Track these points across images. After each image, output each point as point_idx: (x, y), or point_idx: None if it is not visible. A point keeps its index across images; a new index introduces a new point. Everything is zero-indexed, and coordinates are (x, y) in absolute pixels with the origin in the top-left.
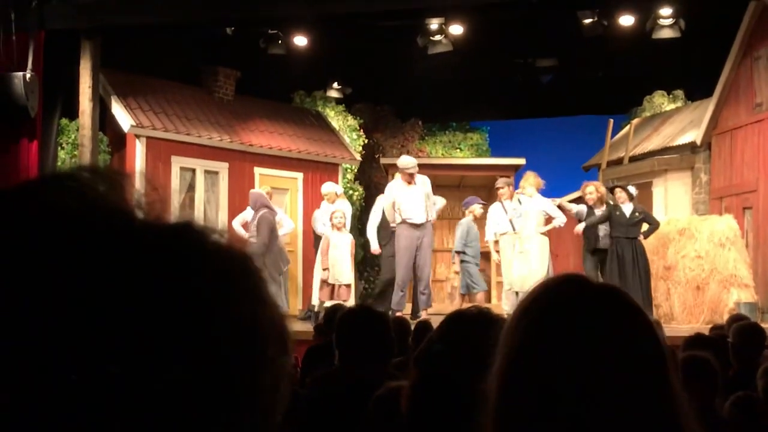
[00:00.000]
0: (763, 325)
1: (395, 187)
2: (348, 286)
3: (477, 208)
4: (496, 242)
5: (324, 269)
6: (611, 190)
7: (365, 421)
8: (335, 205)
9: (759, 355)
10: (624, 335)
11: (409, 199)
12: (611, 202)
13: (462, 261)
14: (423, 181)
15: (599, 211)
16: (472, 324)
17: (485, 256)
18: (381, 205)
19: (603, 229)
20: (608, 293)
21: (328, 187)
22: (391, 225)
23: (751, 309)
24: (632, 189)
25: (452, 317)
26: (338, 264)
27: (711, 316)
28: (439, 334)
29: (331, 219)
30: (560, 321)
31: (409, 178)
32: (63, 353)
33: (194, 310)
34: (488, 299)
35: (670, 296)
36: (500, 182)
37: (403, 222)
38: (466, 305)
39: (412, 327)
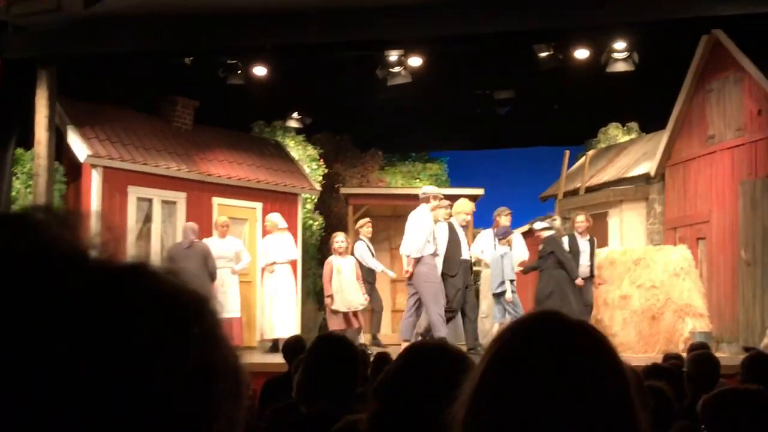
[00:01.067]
0: (718, 354)
1: (431, 219)
2: (359, 313)
3: (512, 238)
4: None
5: (327, 296)
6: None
7: None
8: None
9: (714, 385)
10: (592, 372)
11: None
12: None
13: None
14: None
15: (584, 241)
16: (430, 356)
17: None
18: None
19: (585, 260)
20: (580, 330)
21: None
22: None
23: (706, 338)
24: (539, 224)
25: (411, 349)
26: (346, 289)
27: (666, 346)
28: (398, 365)
29: (332, 244)
30: (530, 356)
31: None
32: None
33: (136, 352)
34: None
35: (626, 325)
36: (500, 211)
37: (435, 254)
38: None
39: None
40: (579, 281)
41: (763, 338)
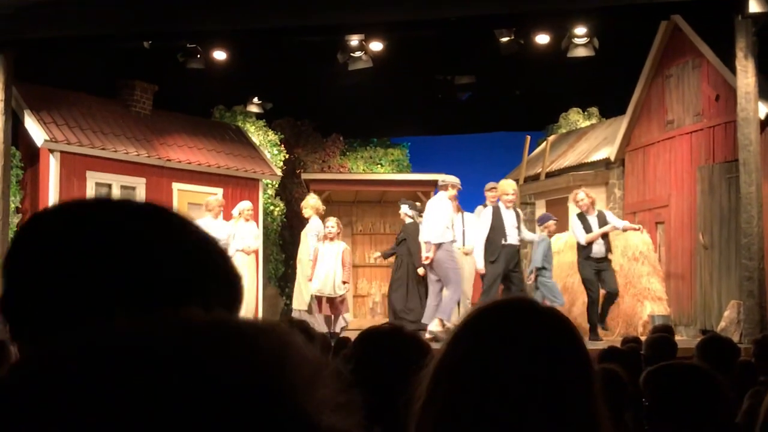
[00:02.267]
0: (676, 338)
1: (450, 206)
2: (341, 298)
3: (552, 225)
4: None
5: (309, 281)
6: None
7: None
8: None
9: None
10: (553, 358)
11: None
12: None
13: (539, 276)
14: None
15: (593, 218)
16: (384, 341)
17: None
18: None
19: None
20: (546, 316)
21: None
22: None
23: (665, 321)
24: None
25: (365, 334)
26: (323, 276)
27: (626, 329)
28: (352, 351)
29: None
30: (493, 339)
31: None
32: None
33: None
34: None
35: (585, 309)
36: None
37: (453, 240)
38: None
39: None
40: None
41: (719, 321)
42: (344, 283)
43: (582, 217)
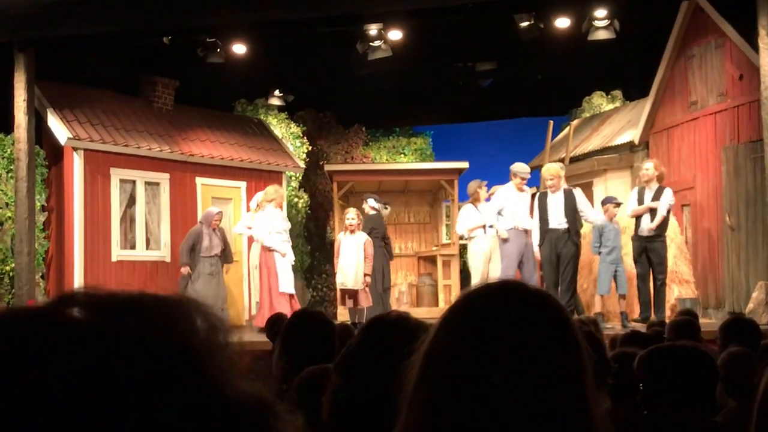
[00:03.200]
0: (703, 320)
1: (508, 193)
2: (364, 291)
3: (611, 208)
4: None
5: (334, 273)
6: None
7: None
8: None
9: None
10: (546, 340)
11: (521, 205)
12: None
13: (600, 261)
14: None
15: (650, 192)
16: (391, 329)
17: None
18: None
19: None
20: (535, 299)
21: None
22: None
23: (692, 304)
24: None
25: (372, 322)
26: (344, 268)
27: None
28: (358, 339)
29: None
30: (478, 323)
31: (522, 185)
32: None
33: None
34: (435, 302)
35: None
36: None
37: (514, 228)
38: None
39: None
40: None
41: (748, 303)
42: (366, 275)
43: (640, 190)
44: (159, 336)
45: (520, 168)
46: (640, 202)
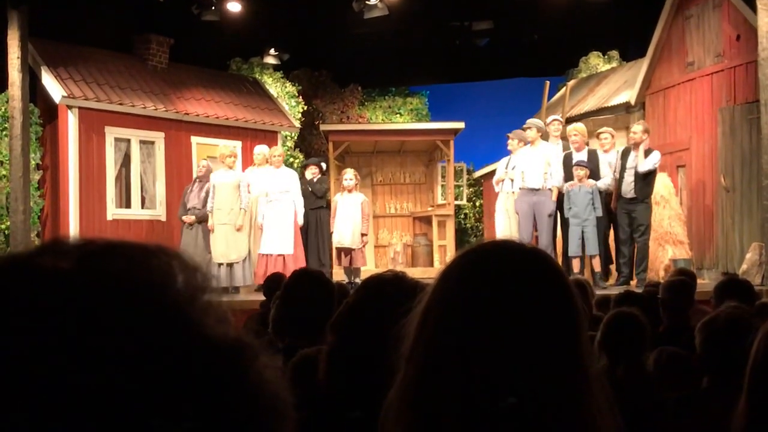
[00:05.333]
0: (698, 281)
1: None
2: (360, 251)
3: (577, 170)
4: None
5: (331, 233)
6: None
7: None
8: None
9: (687, 310)
10: (539, 297)
11: (533, 162)
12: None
13: None
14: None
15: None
16: (386, 288)
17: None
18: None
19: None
20: (530, 256)
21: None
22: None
23: (686, 265)
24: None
25: (368, 281)
26: (340, 227)
27: (648, 274)
28: (354, 299)
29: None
30: (477, 278)
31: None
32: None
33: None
34: (430, 262)
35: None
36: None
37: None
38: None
39: None
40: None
41: (741, 264)
42: (363, 235)
43: (625, 151)
44: (137, 280)
45: (534, 121)
46: (623, 165)
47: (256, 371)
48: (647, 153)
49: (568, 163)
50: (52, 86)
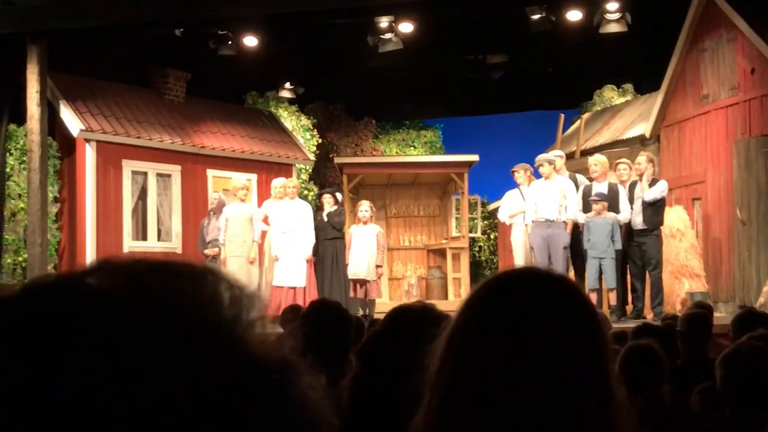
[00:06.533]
0: (715, 314)
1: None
2: (376, 282)
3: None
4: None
5: (346, 264)
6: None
7: None
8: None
9: (706, 343)
10: (566, 325)
11: (547, 194)
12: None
13: None
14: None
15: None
16: (413, 318)
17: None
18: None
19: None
20: (558, 285)
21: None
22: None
23: (703, 298)
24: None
25: (396, 311)
26: (355, 259)
27: (663, 307)
28: (381, 328)
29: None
30: (505, 307)
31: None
32: None
33: None
34: (444, 295)
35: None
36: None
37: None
38: None
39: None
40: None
41: (758, 297)
42: (378, 266)
43: (632, 184)
44: (184, 299)
45: (544, 157)
46: (631, 197)
47: (299, 391)
48: (653, 182)
49: (587, 195)
50: (71, 120)
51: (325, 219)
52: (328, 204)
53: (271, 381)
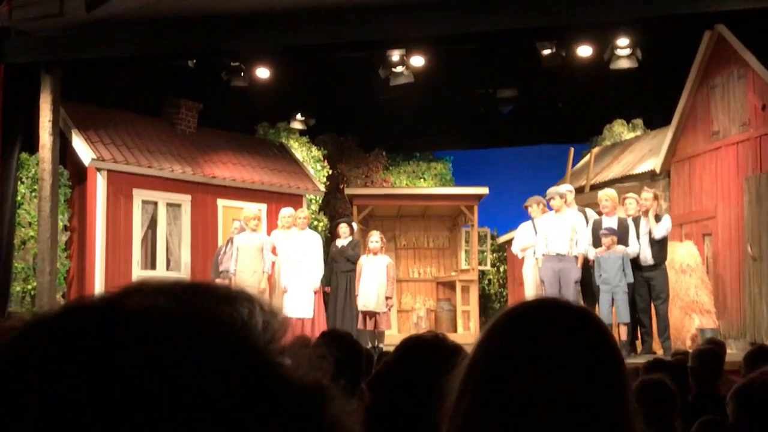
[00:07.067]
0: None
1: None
2: (386, 314)
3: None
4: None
5: (356, 295)
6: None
7: None
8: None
9: (717, 379)
10: (587, 356)
11: (558, 228)
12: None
13: None
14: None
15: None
16: (425, 349)
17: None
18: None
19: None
20: (578, 316)
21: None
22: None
23: (713, 334)
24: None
25: (408, 341)
26: (365, 290)
27: (673, 343)
28: (393, 358)
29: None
30: (526, 338)
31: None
32: None
33: None
34: (453, 328)
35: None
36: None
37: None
38: None
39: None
40: None
41: None
42: (388, 298)
43: (635, 220)
44: (221, 322)
45: (554, 190)
46: (636, 233)
47: (331, 415)
48: (658, 218)
49: (597, 229)
50: (82, 149)
51: (340, 249)
52: (344, 234)
53: (305, 405)
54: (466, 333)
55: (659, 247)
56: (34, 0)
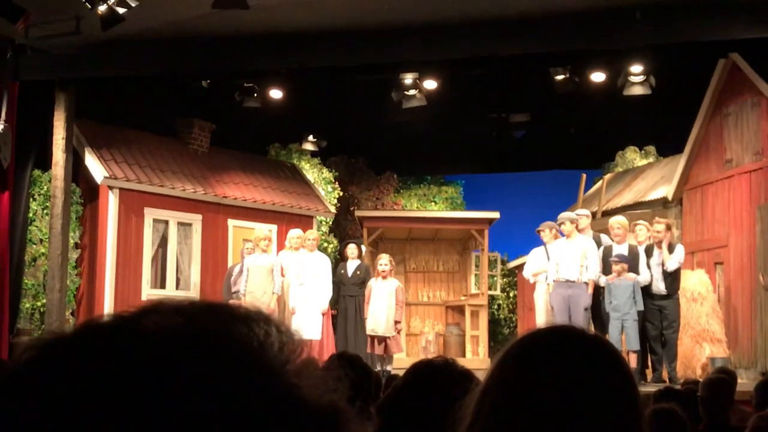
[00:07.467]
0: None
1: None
2: (395, 338)
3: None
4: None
5: (364, 319)
6: None
7: None
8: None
9: (728, 409)
10: (601, 384)
11: (569, 254)
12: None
13: None
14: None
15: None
16: (435, 374)
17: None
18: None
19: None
20: (592, 344)
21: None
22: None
23: (724, 364)
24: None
25: (418, 366)
26: (374, 314)
27: (684, 371)
28: (402, 383)
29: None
30: (540, 365)
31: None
32: None
33: None
34: (462, 352)
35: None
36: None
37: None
38: None
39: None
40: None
41: None
42: (397, 322)
43: (648, 248)
44: (237, 342)
45: (566, 215)
46: (648, 263)
47: None
48: (671, 248)
49: (608, 256)
50: (95, 167)
51: (349, 275)
52: (352, 255)
53: (322, 426)
54: (475, 358)
55: (672, 278)
56: (50, 18)
